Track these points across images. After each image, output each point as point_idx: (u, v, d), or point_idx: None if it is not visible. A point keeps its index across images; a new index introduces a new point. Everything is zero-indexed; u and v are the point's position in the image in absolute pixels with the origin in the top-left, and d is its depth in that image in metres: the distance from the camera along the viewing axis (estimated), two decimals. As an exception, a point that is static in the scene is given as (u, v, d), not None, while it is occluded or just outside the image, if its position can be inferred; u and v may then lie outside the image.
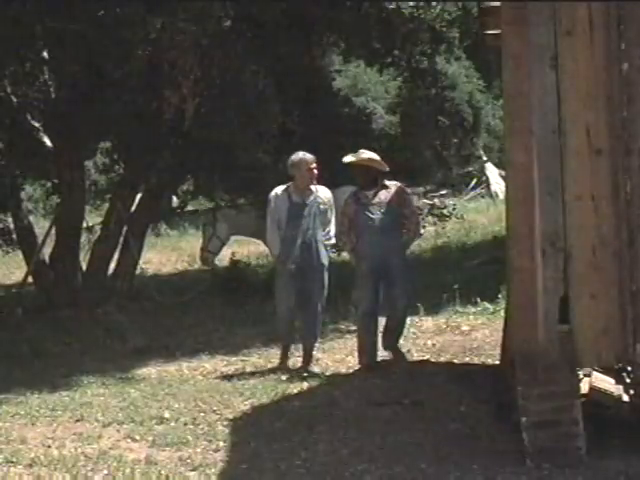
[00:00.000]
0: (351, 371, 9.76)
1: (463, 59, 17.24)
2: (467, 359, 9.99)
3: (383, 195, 9.70)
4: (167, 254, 19.58)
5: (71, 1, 11.55)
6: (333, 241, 10.04)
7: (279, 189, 9.90)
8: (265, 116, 12.49)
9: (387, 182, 9.82)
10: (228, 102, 12.41)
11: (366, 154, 9.84)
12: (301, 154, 9.83)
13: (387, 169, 9.81)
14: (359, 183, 9.87)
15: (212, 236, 14.08)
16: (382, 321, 9.95)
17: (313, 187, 9.86)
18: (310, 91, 14.12)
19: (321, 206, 9.83)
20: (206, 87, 12.48)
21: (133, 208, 13.97)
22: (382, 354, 9.94)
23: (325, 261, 9.89)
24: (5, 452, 7.32)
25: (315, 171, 9.78)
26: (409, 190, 10.88)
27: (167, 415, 8.21)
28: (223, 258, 15.35)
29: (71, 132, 12.91)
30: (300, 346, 10.06)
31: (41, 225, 17.53)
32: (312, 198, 9.82)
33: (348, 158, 9.82)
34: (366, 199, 9.72)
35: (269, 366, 10.04)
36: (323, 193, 9.92)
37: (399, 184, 9.99)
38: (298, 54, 13.69)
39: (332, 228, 9.96)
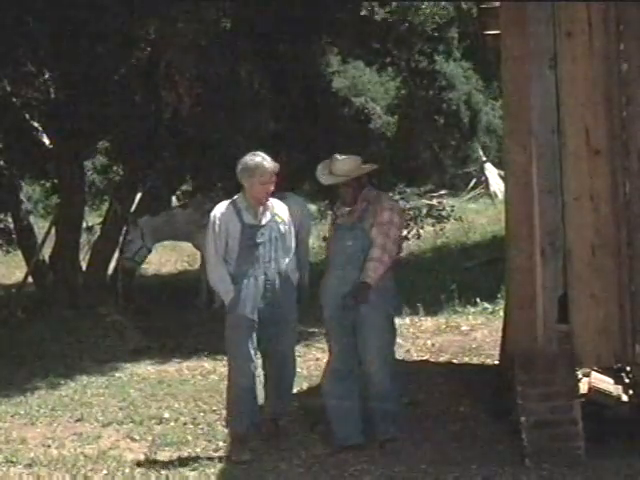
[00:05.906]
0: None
1: (462, 59, 17.26)
2: (466, 359, 9.99)
3: (358, 212, 7.12)
4: (167, 254, 19.56)
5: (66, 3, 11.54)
6: (294, 277, 7.40)
7: (222, 206, 7.24)
8: (260, 116, 12.46)
9: (373, 192, 7.23)
10: (224, 102, 12.39)
11: (344, 163, 7.13)
12: (259, 157, 7.18)
13: (375, 167, 7.32)
14: (342, 198, 7.25)
15: (141, 247, 13.58)
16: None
17: (267, 202, 7.30)
18: (308, 91, 14.11)
19: (281, 226, 7.29)
20: (202, 86, 12.47)
21: (133, 208, 13.97)
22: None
23: (294, 306, 7.40)
24: (5, 452, 7.35)
25: (273, 182, 7.23)
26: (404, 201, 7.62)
27: (167, 415, 8.23)
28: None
29: (71, 132, 12.90)
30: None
31: (41, 225, 17.52)
32: (269, 217, 7.24)
33: (326, 178, 7.21)
34: (342, 218, 7.24)
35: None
36: (280, 210, 7.38)
37: (388, 198, 7.69)
38: (296, 54, 13.68)
39: (292, 261, 7.42)
